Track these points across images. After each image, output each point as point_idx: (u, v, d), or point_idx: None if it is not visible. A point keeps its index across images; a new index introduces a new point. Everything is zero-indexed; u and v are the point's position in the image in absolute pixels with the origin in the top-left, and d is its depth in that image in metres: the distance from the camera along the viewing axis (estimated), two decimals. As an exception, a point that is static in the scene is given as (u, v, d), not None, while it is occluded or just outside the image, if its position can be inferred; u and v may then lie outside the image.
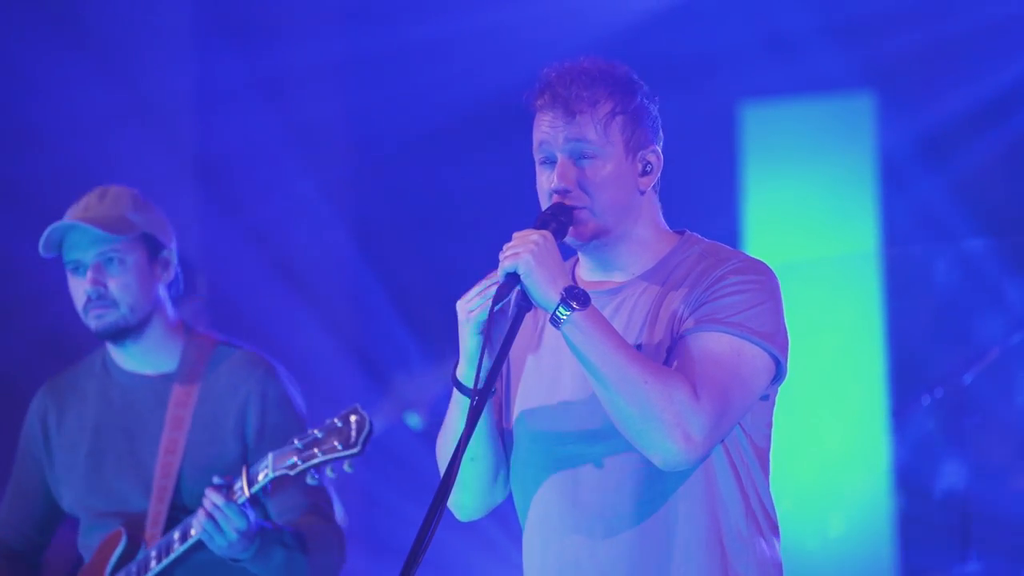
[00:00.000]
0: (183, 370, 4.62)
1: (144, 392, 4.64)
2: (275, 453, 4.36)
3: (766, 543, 3.41)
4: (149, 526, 4.53)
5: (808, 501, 7.25)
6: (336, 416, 4.36)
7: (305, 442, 4.35)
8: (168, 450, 4.55)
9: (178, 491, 4.54)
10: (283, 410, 4.62)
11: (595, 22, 7.31)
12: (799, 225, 7.37)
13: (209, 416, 4.59)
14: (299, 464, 4.33)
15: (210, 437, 4.58)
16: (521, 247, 3.23)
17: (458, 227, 7.49)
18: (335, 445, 4.32)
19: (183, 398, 4.60)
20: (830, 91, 7.34)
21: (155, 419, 4.60)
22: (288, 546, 4.43)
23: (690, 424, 3.21)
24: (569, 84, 3.38)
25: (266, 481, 4.33)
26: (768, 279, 3.36)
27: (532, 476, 3.44)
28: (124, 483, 4.58)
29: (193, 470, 4.55)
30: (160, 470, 4.55)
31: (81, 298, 4.56)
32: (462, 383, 3.38)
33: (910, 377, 7.18)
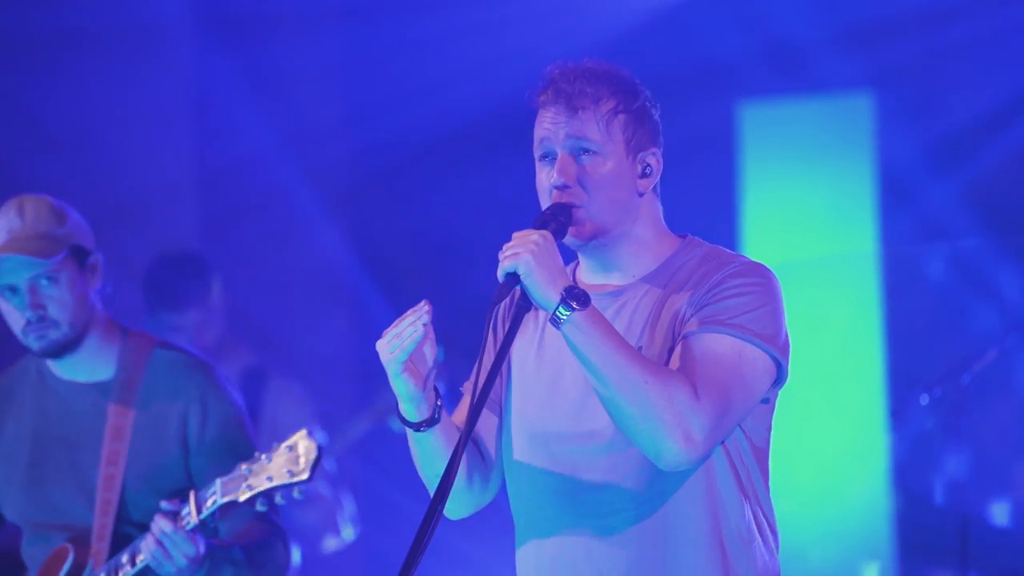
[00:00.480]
0: (120, 377, 4.52)
1: (82, 401, 4.54)
2: (223, 479, 4.30)
3: (765, 546, 3.41)
4: (95, 541, 4.44)
5: (807, 501, 7.25)
6: (284, 441, 4.31)
7: (253, 467, 4.29)
8: (109, 462, 4.46)
9: (123, 503, 4.47)
10: (224, 415, 4.53)
11: (596, 24, 7.32)
12: (798, 225, 7.37)
13: (149, 425, 4.49)
14: (246, 491, 4.28)
15: (151, 447, 4.49)
16: (521, 247, 3.23)
17: (459, 231, 7.49)
18: (283, 472, 4.27)
19: (122, 407, 4.50)
20: (829, 92, 7.35)
21: (94, 429, 4.50)
22: (237, 563, 4.37)
23: (691, 424, 3.21)
24: (573, 80, 3.39)
25: (215, 508, 4.28)
26: (770, 282, 3.37)
27: (529, 476, 3.45)
28: (66, 496, 4.50)
29: (136, 481, 4.46)
30: (103, 483, 4.46)
31: (19, 321, 4.45)
32: (405, 419, 3.40)
33: (908, 377, 7.19)
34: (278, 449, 4.31)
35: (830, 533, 7.24)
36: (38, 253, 4.42)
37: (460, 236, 7.45)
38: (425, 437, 3.40)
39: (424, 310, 3.29)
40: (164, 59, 7.45)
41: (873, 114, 7.30)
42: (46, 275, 4.45)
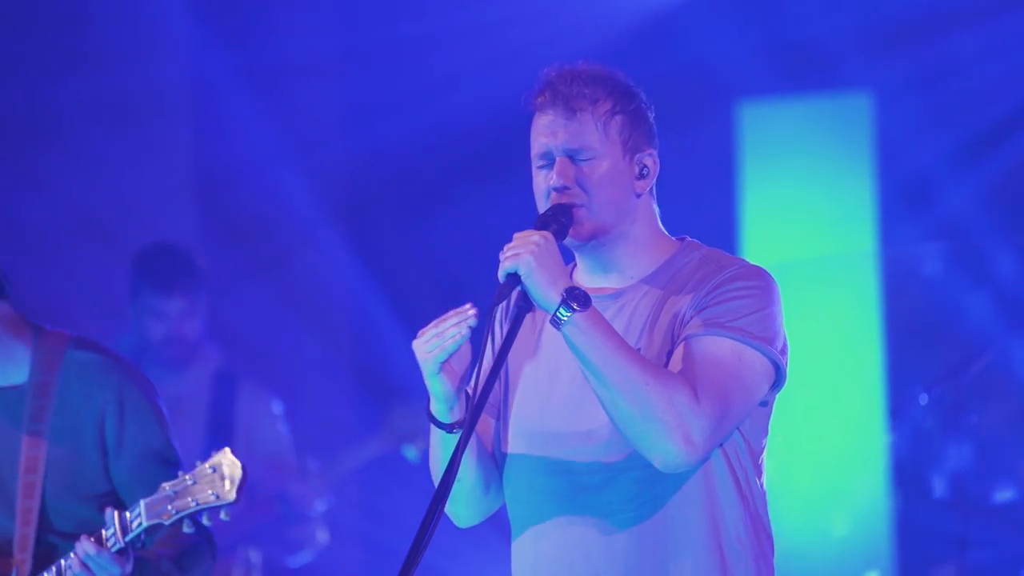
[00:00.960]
0: (35, 380, 4.41)
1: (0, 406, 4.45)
2: (147, 501, 4.22)
3: (761, 548, 3.42)
4: (16, 550, 4.37)
5: (807, 499, 7.25)
6: (208, 461, 4.24)
7: (177, 489, 4.22)
8: (28, 469, 4.37)
9: (44, 511, 4.39)
10: (142, 416, 4.44)
11: (597, 25, 7.32)
12: (797, 224, 7.37)
13: (66, 429, 4.40)
14: (172, 513, 4.20)
15: (70, 452, 4.41)
16: (522, 248, 3.23)
17: (463, 242, 7.48)
18: (209, 494, 4.21)
19: (38, 412, 4.40)
20: (828, 91, 7.34)
21: (11, 435, 4.41)
22: (167, 574, 4.34)
23: (691, 426, 3.21)
24: (570, 82, 3.40)
25: (140, 530, 4.23)
26: (769, 285, 3.38)
27: (527, 478, 3.44)
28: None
29: (57, 488, 4.39)
30: (22, 491, 4.37)
31: None
32: (437, 419, 3.39)
33: (908, 376, 7.19)
34: (201, 470, 4.23)
35: (830, 533, 7.24)
36: None
37: (462, 238, 7.44)
38: (453, 440, 3.37)
39: (470, 313, 3.29)
40: (163, 58, 7.44)
41: (873, 114, 7.29)
42: None
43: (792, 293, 7.05)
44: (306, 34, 7.66)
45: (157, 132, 7.40)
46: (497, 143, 6.19)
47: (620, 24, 7.34)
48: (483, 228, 7.13)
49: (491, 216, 7.05)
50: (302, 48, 7.65)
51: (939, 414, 7.00)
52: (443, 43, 7.50)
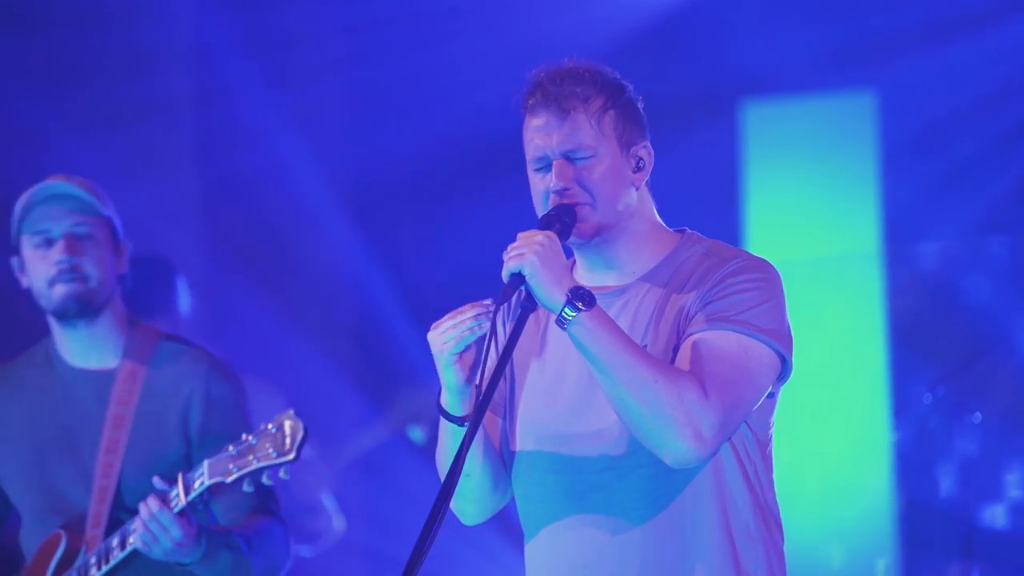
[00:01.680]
0: (125, 366, 4.56)
1: (85, 388, 4.57)
2: (210, 460, 4.31)
3: (772, 538, 3.42)
4: (89, 527, 4.47)
5: (811, 499, 7.25)
6: (270, 422, 4.33)
7: (240, 448, 4.30)
8: (109, 449, 4.49)
9: (119, 491, 4.49)
10: (227, 408, 4.56)
11: (600, 26, 7.32)
12: (801, 223, 7.37)
13: (151, 414, 4.53)
14: (234, 471, 4.28)
15: (152, 435, 4.52)
16: (526, 248, 3.23)
17: (468, 238, 7.49)
18: (269, 452, 4.28)
19: (124, 396, 4.53)
20: (831, 89, 7.34)
21: (96, 416, 4.54)
22: (234, 547, 4.38)
23: (700, 422, 3.22)
24: (560, 82, 3.40)
25: (202, 489, 4.29)
26: (772, 277, 3.38)
27: (537, 478, 3.44)
28: (65, 481, 4.52)
29: (135, 469, 4.49)
30: (100, 470, 4.48)
31: (49, 269, 4.50)
32: (447, 411, 3.39)
33: (911, 375, 7.19)
34: (264, 430, 4.31)
35: (835, 531, 7.24)
36: (90, 195, 4.51)
37: (471, 240, 7.45)
38: (463, 433, 3.36)
39: (491, 308, 3.29)
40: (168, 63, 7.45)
41: (877, 114, 7.29)
42: (85, 229, 4.52)
43: (796, 292, 7.07)
44: (315, 37, 7.67)
45: (160, 139, 7.41)
46: (504, 144, 6.19)
47: (625, 24, 7.34)
48: (492, 227, 7.14)
49: (499, 215, 7.06)
50: (312, 50, 7.65)
51: (944, 412, 7.01)
52: (451, 43, 7.51)
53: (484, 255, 3.58)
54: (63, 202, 4.51)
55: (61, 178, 4.56)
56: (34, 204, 4.52)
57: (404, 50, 7.61)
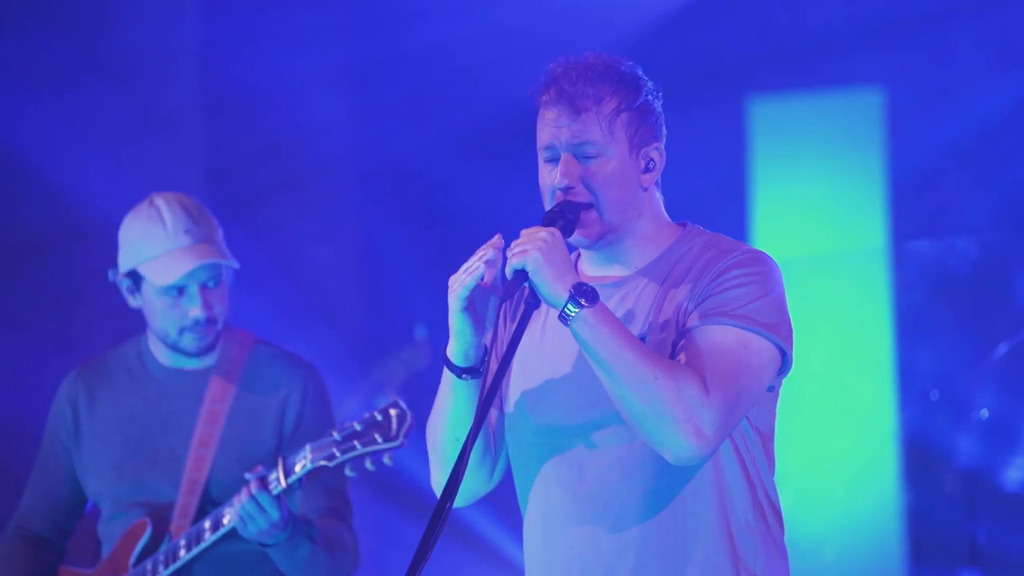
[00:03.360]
0: (222, 366, 4.67)
1: (181, 386, 4.67)
2: (313, 444, 4.41)
3: (772, 532, 3.42)
4: (176, 517, 4.58)
5: (817, 496, 7.25)
6: (375, 410, 4.40)
7: (344, 434, 4.39)
8: (202, 443, 4.60)
9: (208, 484, 4.59)
10: (321, 409, 4.68)
11: (607, 19, 7.32)
12: (808, 220, 7.37)
13: (247, 410, 4.63)
14: (337, 456, 4.38)
15: (247, 431, 4.62)
16: (529, 244, 3.23)
17: (471, 226, 7.49)
18: (375, 438, 4.37)
19: (220, 393, 4.64)
20: (839, 86, 7.34)
21: (191, 413, 4.65)
22: (315, 540, 4.48)
23: (701, 419, 3.22)
24: (575, 81, 3.38)
25: (303, 472, 4.38)
26: (771, 270, 3.37)
27: (536, 469, 3.45)
28: (155, 476, 4.61)
29: (226, 463, 4.59)
30: (192, 463, 4.59)
31: (182, 319, 4.60)
32: (451, 360, 3.39)
33: (918, 372, 7.18)
34: (368, 417, 4.39)
35: (840, 528, 7.24)
36: (225, 257, 4.60)
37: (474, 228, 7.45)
38: (462, 387, 3.39)
39: (494, 244, 3.30)
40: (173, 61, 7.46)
41: (884, 109, 7.29)
42: (214, 277, 4.59)
43: (803, 288, 7.07)
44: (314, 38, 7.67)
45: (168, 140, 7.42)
46: (506, 126, 6.20)
47: (631, 19, 7.34)
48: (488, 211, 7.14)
49: (494, 201, 7.07)
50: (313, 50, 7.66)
51: (950, 410, 7.00)
52: (457, 40, 7.51)
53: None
54: (217, 265, 4.60)
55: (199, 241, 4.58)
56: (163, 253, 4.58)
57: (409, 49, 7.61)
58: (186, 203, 4.64)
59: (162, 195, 4.66)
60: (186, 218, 4.61)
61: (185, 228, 4.59)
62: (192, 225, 4.60)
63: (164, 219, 4.61)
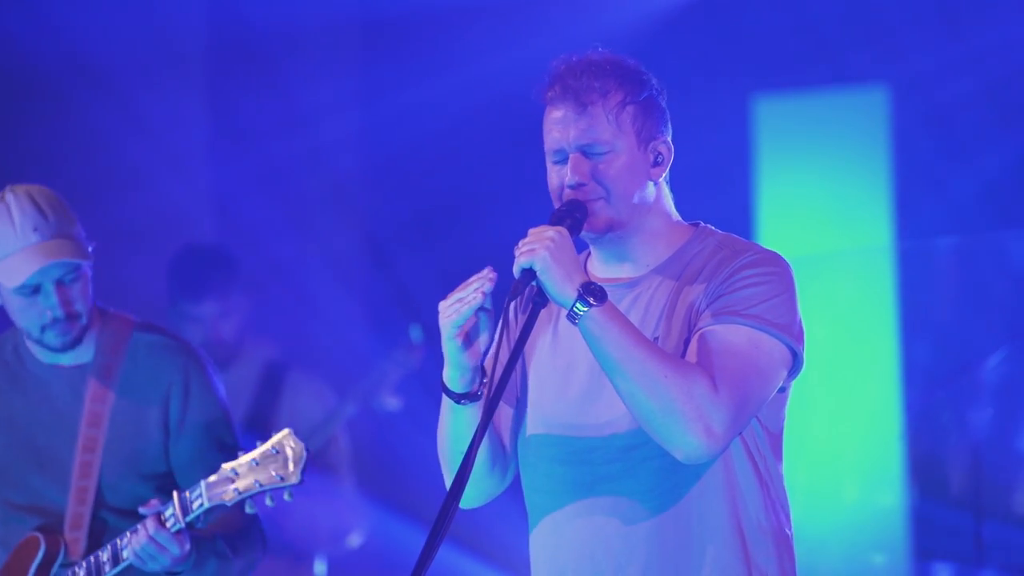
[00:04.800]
0: (100, 361, 4.51)
1: (60, 384, 4.53)
2: (208, 482, 4.30)
3: (782, 533, 3.42)
4: (69, 529, 4.45)
5: (822, 495, 7.24)
6: (269, 442, 4.30)
7: (240, 470, 4.29)
8: (86, 448, 4.47)
9: (100, 489, 4.47)
10: (206, 399, 4.54)
11: (611, 15, 7.31)
12: (813, 218, 7.36)
13: (130, 409, 4.50)
14: (235, 494, 4.29)
15: (132, 431, 4.49)
16: (537, 243, 3.23)
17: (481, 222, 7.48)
18: (273, 475, 4.28)
19: (100, 392, 4.50)
20: (844, 84, 7.33)
21: (71, 413, 4.50)
22: (221, 554, 4.40)
23: (711, 418, 3.21)
24: (579, 75, 3.39)
25: (200, 511, 4.29)
26: (783, 271, 3.37)
27: (545, 468, 3.45)
28: (43, 480, 4.49)
29: (115, 467, 4.47)
30: (79, 469, 4.46)
31: (41, 317, 4.43)
32: (447, 387, 3.40)
33: (924, 371, 7.17)
34: (263, 450, 4.29)
35: (846, 527, 7.23)
36: (77, 255, 4.44)
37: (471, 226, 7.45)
38: (461, 411, 3.40)
39: (488, 277, 3.30)
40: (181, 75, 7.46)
41: (889, 107, 7.28)
42: (71, 273, 4.44)
43: (808, 287, 7.06)
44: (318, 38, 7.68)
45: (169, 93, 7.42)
46: (510, 122, 6.19)
47: (636, 18, 7.33)
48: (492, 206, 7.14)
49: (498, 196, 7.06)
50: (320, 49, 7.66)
51: (955, 409, 6.99)
52: (459, 39, 7.50)
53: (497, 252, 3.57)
54: (61, 264, 4.43)
55: (38, 242, 4.41)
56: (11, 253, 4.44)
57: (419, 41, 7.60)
58: (38, 197, 4.46)
59: (13, 189, 4.47)
60: (35, 214, 4.43)
61: (34, 225, 4.41)
62: (41, 221, 4.42)
63: (13, 217, 4.43)
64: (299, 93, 7.63)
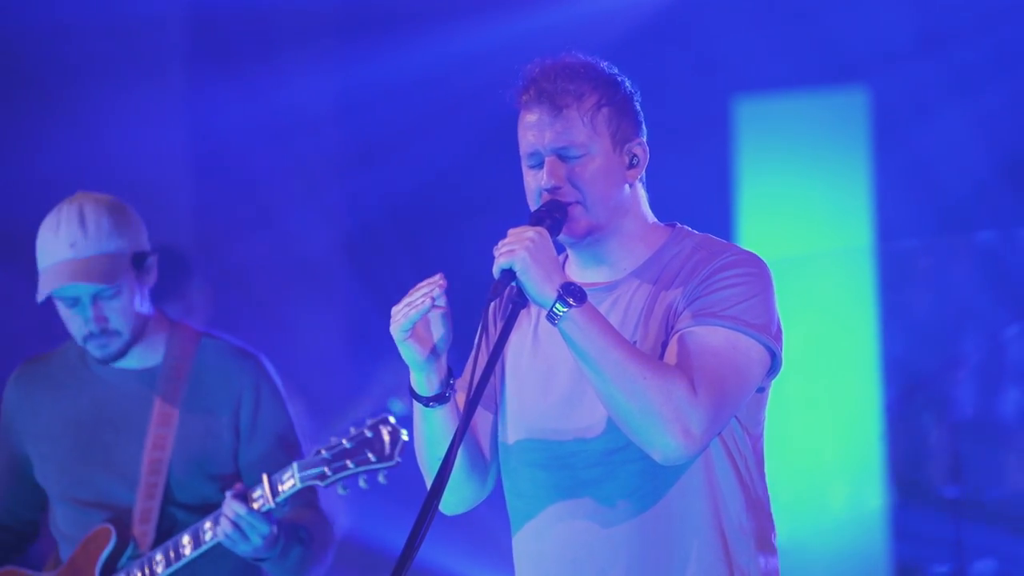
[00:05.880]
0: (168, 363, 4.61)
1: (129, 387, 4.62)
2: (300, 463, 4.38)
3: (764, 533, 3.42)
4: (137, 523, 4.53)
5: (801, 496, 7.25)
6: (364, 426, 4.36)
7: (334, 452, 4.36)
8: (156, 446, 4.55)
9: (168, 487, 4.55)
10: (275, 403, 4.65)
11: (592, 20, 7.31)
12: (793, 220, 7.37)
13: (200, 409, 4.59)
14: (329, 475, 4.34)
15: (203, 430, 4.58)
16: (516, 244, 3.23)
17: (460, 222, 7.48)
18: (368, 456, 4.34)
19: (170, 393, 4.59)
20: (825, 86, 7.34)
21: (141, 414, 4.59)
22: (304, 542, 4.49)
23: (689, 419, 3.21)
24: (554, 79, 3.39)
25: (292, 491, 4.35)
26: (761, 271, 3.38)
27: (526, 473, 3.44)
28: (109, 478, 4.57)
29: (184, 464, 4.56)
30: (148, 467, 4.54)
31: (81, 329, 4.55)
32: (414, 391, 3.40)
33: (904, 372, 7.19)
34: (358, 433, 4.35)
35: (827, 529, 7.24)
36: (104, 279, 4.50)
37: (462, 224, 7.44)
38: (432, 415, 3.40)
39: (438, 283, 3.30)
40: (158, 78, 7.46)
41: (870, 109, 7.29)
42: (110, 290, 4.51)
43: (788, 289, 7.06)
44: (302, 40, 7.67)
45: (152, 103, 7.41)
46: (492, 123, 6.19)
47: (618, 19, 7.34)
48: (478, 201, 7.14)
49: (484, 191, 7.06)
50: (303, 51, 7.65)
51: (935, 410, 7.01)
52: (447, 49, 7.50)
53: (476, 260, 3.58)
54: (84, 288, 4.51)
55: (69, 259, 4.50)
56: (50, 265, 4.53)
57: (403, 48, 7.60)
58: (89, 209, 4.53)
59: (76, 197, 4.56)
60: (76, 228, 4.51)
61: (71, 240, 4.51)
62: (80, 237, 4.51)
63: (59, 227, 4.52)
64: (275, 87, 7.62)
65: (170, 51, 7.42)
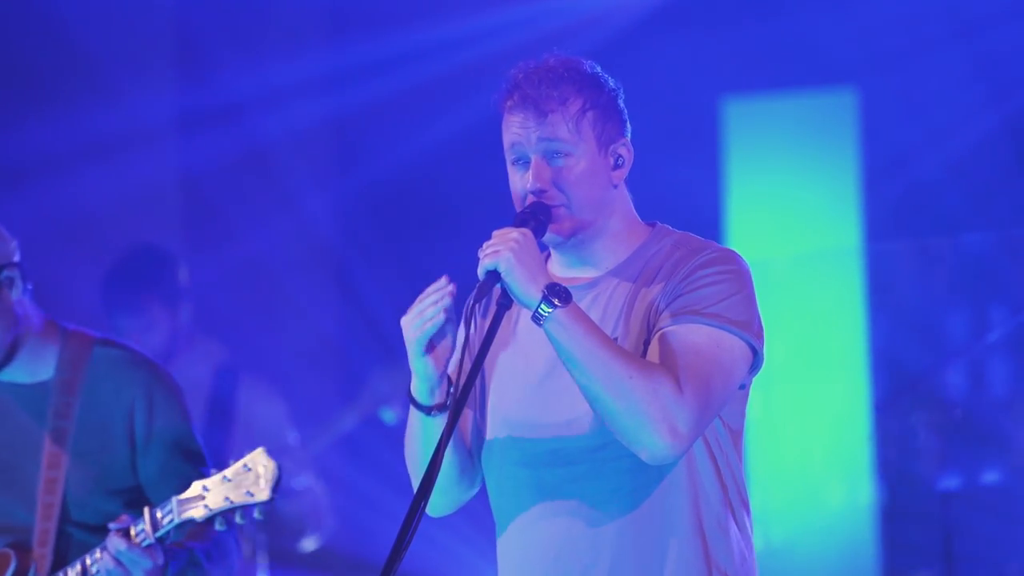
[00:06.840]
0: (61, 377, 4.46)
1: (21, 402, 4.47)
2: (179, 498, 4.26)
3: (741, 530, 3.43)
4: (36, 545, 4.40)
5: (791, 496, 7.26)
6: (242, 460, 4.28)
7: (210, 487, 4.26)
8: (51, 465, 4.42)
9: (66, 506, 4.43)
10: (171, 411, 4.49)
11: (581, 21, 7.32)
12: (782, 221, 7.38)
13: (94, 424, 4.45)
14: (206, 511, 4.27)
15: (97, 446, 4.45)
16: (501, 245, 3.23)
17: (442, 224, 7.49)
18: (244, 493, 4.26)
19: (63, 409, 4.45)
20: (813, 87, 7.35)
21: (35, 431, 4.45)
22: (197, 564, 4.38)
23: (676, 418, 3.22)
24: (538, 84, 3.39)
25: (170, 527, 4.27)
26: (741, 269, 3.38)
27: (509, 471, 3.45)
28: (8, 499, 4.44)
29: (81, 483, 4.43)
30: (44, 486, 4.41)
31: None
32: (416, 400, 3.40)
33: (892, 372, 7.20)
34: (235, 467, 4.27)
35: (813, 528, 7.25)
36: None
37: (444, 227, 7.45)
38: (433, 423, 3.39)
39: (447, 290, 3.30)
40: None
41: (858, 109, 7.30)
42: None
43: (777, 289, 7.08)
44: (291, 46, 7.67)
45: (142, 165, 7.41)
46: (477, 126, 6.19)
47: (607, 21, 7.34)
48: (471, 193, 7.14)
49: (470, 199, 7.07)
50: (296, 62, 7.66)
51: (924, 410, 7.02)
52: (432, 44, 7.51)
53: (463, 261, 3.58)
54: None
55: None
56: None
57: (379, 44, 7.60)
58: None
59: None
60: None
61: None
62: None
63: None
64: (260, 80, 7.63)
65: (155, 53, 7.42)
